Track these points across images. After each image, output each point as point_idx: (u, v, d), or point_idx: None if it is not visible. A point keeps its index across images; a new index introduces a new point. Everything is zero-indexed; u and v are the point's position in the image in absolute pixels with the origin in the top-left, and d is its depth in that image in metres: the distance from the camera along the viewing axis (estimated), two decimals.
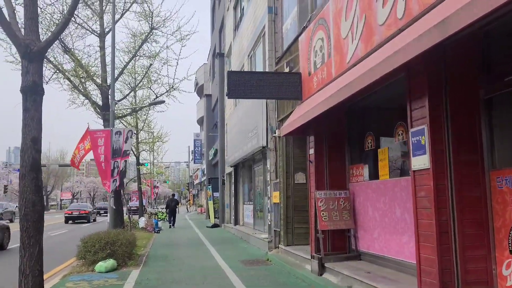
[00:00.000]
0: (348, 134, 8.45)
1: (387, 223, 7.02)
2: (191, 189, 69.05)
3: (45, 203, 65.12)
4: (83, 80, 13.51)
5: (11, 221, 32.51)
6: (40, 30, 6.17)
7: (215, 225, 23.70)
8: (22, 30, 5.33)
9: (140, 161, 23.74)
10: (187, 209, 62.05)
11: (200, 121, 51.99)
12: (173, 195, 30.96)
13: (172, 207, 25.74)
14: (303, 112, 7.62)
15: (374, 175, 7.51)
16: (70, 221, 31.40)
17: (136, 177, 24.67)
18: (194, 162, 51.17)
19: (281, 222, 10.94)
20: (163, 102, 13.61)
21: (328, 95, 6.56)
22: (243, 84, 8.33)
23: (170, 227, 24.53)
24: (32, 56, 5.14)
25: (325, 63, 7.47)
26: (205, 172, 37.56)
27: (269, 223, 12.36)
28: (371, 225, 7.56)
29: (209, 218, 29.17)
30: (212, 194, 25.18)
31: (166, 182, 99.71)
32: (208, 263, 10.45)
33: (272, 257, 10.68)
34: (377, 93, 6.71)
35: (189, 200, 73.51)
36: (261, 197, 15.72)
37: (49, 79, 13.92)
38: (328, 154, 8.46)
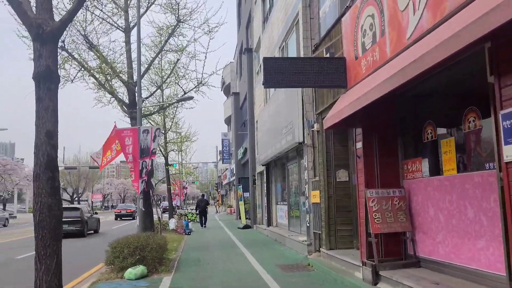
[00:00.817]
0: (402, 125, 7.48)
1: (454, 225, 6.02)
2: (219, 190, 68.71)
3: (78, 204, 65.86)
4: (109, 77, 12.96)
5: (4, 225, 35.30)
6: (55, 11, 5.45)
7: (246, 226, 22.94)
8: (34, 9, 4.64)
9: (168, 161, 23.22)
10: (216, 210, 61.71)
11: (227, 121, 51.45)
12: (203, 195, 30.71)
13: (202, 207, 25.57)
14: (351, 100, 6.71)
15: (435, 170, 6.53)
16: (119, 218, 39.21)
17: (165, 177, 24.15)
18: (223, 162, 50.64)
19: (322, 224, 10.03)
20: (191, 98, 12.93)
21: (383, 78, 5.64)
22: (280, 72, 7.47)
23: (202, 227, 24.38)
24: (45, 37, 4.45)
25: (377, 43, 6.53)
26: (234, 172, 36.91)
27: (308, 224, 11.48)
28: (433, 228, 6.57)
29: (239, 219, 28.47)
30: (243, 194, 24.43)
31: (194, 182, 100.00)
32: (244, 268, 9.66)
33: (313, 262, 9.78)
34: (440, 74, 5.73)
35: (218, 200, 73.25)
36: (296, 196, 14.85)
37: (74, 77, 13.47)
38: (378, 148, 7.52)
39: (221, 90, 54.14)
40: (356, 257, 8.25)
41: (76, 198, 70.60)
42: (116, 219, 39.67)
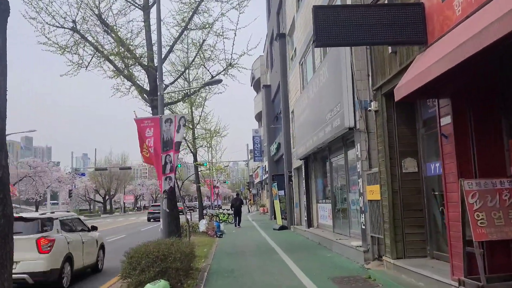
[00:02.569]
0: (507, 92, 5.43)
1: None
2: (251, 189, 67.07)
3: (109, 206, 65.74)
4: (126, 61, 11.35)
5: None
6: None
7: (282, 227, 21.05)
8: None
9: (197, 158, 21.61)
10: (248, 209, 60.07)
11: (258, 117, 49.67)
12: (237, 194, 30.85)
13: (236, 206, 25.58)
14: (441, 55, 4.72)
15: None
16: (152, 219, 37.51)
17: (194, 175, 22.56)
18: (254, 160, 48.89)
19: (385, 227, 8.03)
20: (220, 81, 11.17)
21: (492, 19, 3.68)
22: (335, 25, 5.57)
23: (236, 226, 24.20)
24: None
25: None
26: (266, 170, 35.08)
27: (363, 226, 9.48)
28: None
29: (274, 219, 26.59)
30: (278, 193, 22.54)
31: (225, 182, 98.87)
32: (288, 282, 7.81)
33: (375, 274, 7.81)
34: None
35: (250, 200, 71.59)
36: (342, 193, 12.85)
37: (89, 62, 11.93)
38: (474, 124, 5.49)
39: (251, 86, 52.45)
40: (439, 271, 6.24)
41: (108, 200, 70.56)
42: (149, 220, 38.10)
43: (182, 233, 16.81)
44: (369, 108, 8.29)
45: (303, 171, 17.05)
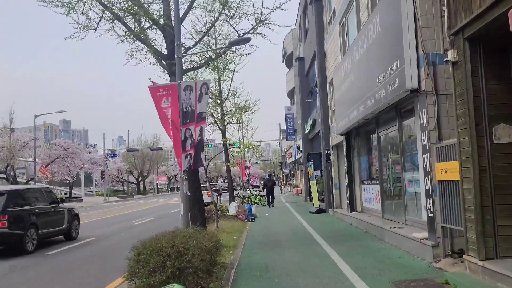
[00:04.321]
0: None
1: None
2: (283, 169, 65.33)
3: (142, 188, 65.69)
4: (138, 18, 9.64)
5: None
6: None
7: (320, 210, 19.23)
8: None
9: (226, 135, 19.90)
10: (281, 190, 58.48)
11: (290, 94, 47.53)
12: (270, 175, 30.72)
13: (269, 187, 25.55)
14: None
15: None
16: None
17: (224, 154, 20.90)
18: (287, 139, 47.04)
19: (467, 216, 6.06)
20: (248, 39, 9.28)
21: None
22: None
23: (269, 206, 24.37)
24: None
25: None
26: (300, 148, 33.16)
27: (430, 214, 7.52)
28: None
29: (310, 201, 24.79)
30: (314, 173, 20.64)
31: (257, 163, 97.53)
32: None
33: (455, 279, 5.89)
34: None
35: (282, 180, 69.90)
36: (395, 172, 10.86)
37: (98, 23, 10.28)
38: None
39: (283, 62, 50.24)
40: None
41: (142, 181, 70.61)
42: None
43: (210, 218, 15.34)
44: (445, 59, 6.23)
45: (344, 148, 15.05)
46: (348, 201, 14.93)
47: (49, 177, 43.39)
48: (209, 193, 18.82)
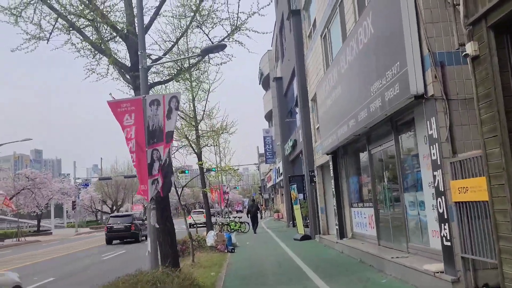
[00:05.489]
0: None
1: None
2: (263, 193, 63.85)
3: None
4: (96, 24, 8.34)
5: None
6: None
7: (305, 237, 17.87)
8: None
9: (201, 158, 18.50)
10: (261, 215, 56.84)
11: (268, 116, 46.63)
12: (253, 200, 30.79)
13: (253, 212, 25.84)
14: None
15: None
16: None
17: (200, 179, 19.41)
18: (266, 162, 45.81)
19: (501, 245, 4.86)
20: (224, 46, 8.06)
21: None
22: None
23: (254, 232, 24.18)
24: None
25: None
26: (281, 171, 31.95)
27: (446, 242, 6.30)
28: None
29: (293, 226, 23.46)
30: (297, 196, 19.36)
31: (236, 188, 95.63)
32: None
33: None
34: None
35: (262, 205, 68.28)
36: (392, 193, 9.69)
37: (51, 34, 8.93)
38: None
39: (259, 84, 49.51)
40: None
41: (116, 210, 67.78)
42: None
43: (185, 251, 13.79)
44: (464, 52, 5.13)
45: (331, 168, 13.88)
46: (337, 227, 13.66)
47: (14, 210, 40.69)
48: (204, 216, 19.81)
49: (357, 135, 10.47)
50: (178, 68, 9.48)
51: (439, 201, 6.39)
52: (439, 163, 6.28)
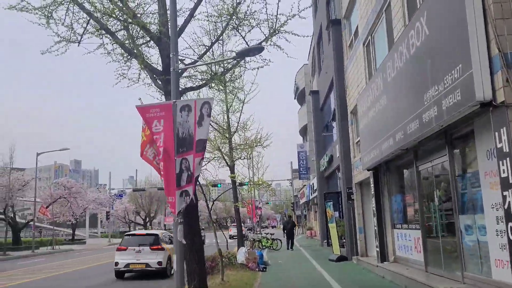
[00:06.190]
0: None
1: None
2: (295, 210, 62.61)
3: (150, 228, 63.18)
4: (126, 24, 7.94)
5: None
6: None
7: (341, 258, 16.83)
8: None
9: (235, 173, 17.88)
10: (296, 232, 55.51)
11: (303, 131, 45.77)
12: (290, 216, 31.74)
13: (289, 229, 25.71)
14: None
15: None
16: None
17: (232, 192, 18.77)
18: (300, 178, 44.76)
19: None
20: (261, 49, 7.45)
21: None
22: None
23: (288, 249, 24.01)
24: None
25: None
26: (315, 188, 30.93)
27: None
28: None
29: (328, 245, 22.39)
30: (333, 214, 18.37)
31: (268, 203, 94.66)
32: None
33: None
34: None
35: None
36: (445, 215, 8.68)
37: (82, 35, 8.60)
38: None
39: (295, 98, 48.84)
40: None
41: (148, 222, 68.20)
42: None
43: (215, 268, 13.09)
44: None
45: (372, 185, 12.91)
46: (378, 249, 12.63)
47: (50, 218, 41.34)
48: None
49: (404, 149, 9.55)
50: (212, 73, 8.92)
51: (511, 226, 5.43)
52: (510, 181, 5.35)
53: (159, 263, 14.25)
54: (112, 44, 8.54)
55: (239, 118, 18.29)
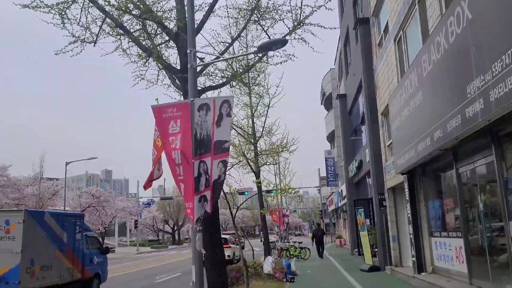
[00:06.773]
0: None
1: None
2: (323, 218, 61.35)
3: (178, 237, 63.06)
4: (141, 21, 7.54)
5: None
6: None
7: (373, 268, 15.90)
8: None
9: (260, 180, 17.28)
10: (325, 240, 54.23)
11: (330, 137, 44.78)
12: (319, 224, 30.31)
13: (318, 237, 25.40)
14: None
15: None
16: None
17: (258, 199, 18.16)
18: (328, 185, 43.74)
19: None
20: (285, 42, 6.92)
21: None
22: None
23: (319, 257, 23.67)
24: None
25: None
26: (344, 194, 29.97)
27: None
28: None
29: (358, 254, 21.40)
30: (365, 222, 17.49)
31: (296, 211, 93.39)
32: None
33: None
34: None
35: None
36: (491, 222, 7.83)
37: (98, 35, 8.26)
38: None
39: (321, 103, 47.97)
40: None
41: (177, 230, 68.34)
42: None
43: (240, 278, 12.49)
44: None
45: (406, 190, 12.07)
46: (414, 258, 11.75)
47: None
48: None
49: (443, 150, 8.75)
50: (233, 71, 8.42)
51: None
52: None
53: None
54: (128, 42, 8.17)
55: (264, 122, 17.77)
